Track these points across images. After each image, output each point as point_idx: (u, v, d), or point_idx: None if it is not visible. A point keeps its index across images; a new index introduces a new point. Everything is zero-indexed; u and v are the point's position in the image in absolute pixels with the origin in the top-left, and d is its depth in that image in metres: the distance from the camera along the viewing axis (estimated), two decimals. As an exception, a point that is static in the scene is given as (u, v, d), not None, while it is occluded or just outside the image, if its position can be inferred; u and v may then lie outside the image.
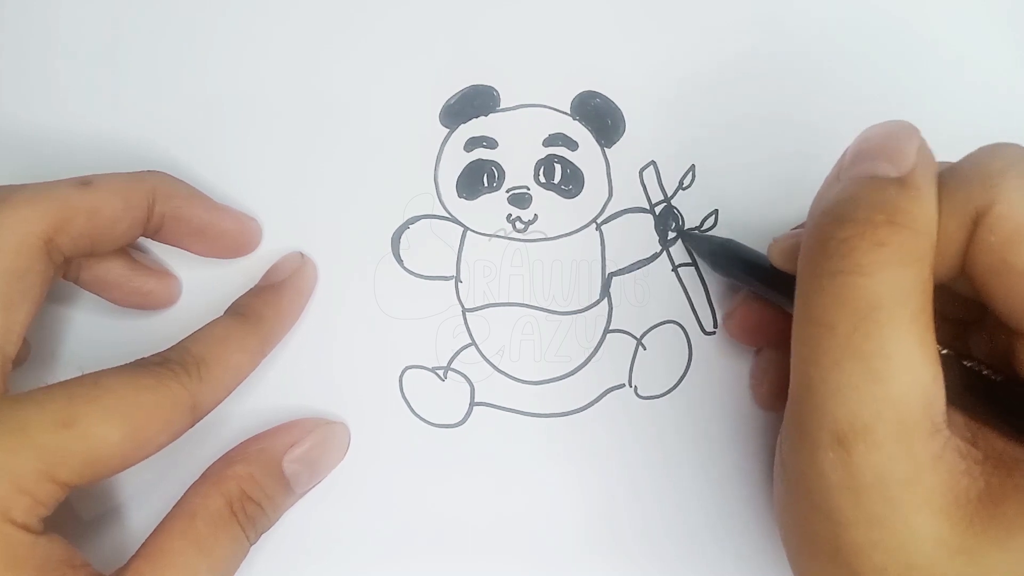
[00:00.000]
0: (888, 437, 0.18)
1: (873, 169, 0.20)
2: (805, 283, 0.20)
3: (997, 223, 0.19)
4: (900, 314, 0.18)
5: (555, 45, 0.30)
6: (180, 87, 0.31)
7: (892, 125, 0.21)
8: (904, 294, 0.18)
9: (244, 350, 0.26)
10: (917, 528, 0.18)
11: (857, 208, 0.19)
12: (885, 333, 0.18)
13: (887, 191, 0.19)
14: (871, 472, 0.18)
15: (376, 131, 0.30)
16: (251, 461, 0.26)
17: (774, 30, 0.30)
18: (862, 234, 0.19)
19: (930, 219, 0.19)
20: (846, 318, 0.18)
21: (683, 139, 0.30)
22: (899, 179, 0.19)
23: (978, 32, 0.30)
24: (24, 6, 0.31)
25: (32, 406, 0.22)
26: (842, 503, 0.19)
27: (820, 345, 0.19)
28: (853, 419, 0.18)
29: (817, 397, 0.19)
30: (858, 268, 0.18)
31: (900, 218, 0.19)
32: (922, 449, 0.18)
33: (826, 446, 0.19)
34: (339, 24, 0.31)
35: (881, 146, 0.20)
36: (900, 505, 0.18)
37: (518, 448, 0.29)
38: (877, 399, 0.18)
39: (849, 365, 0.18)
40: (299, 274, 0.29)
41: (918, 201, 0.19)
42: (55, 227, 0.24)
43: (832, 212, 0.19)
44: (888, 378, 0.18)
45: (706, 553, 0.28)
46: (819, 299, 0.19)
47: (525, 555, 0.29)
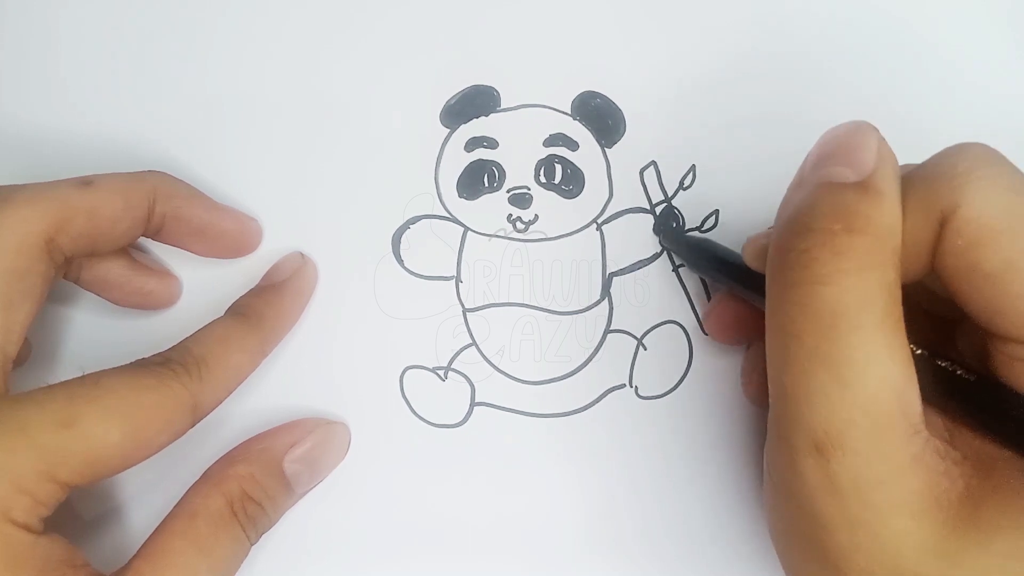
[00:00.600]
0: (863, 441, 0.18)
1: (832, 175, 0.20)
2: (771, 293, 0.20)
3: (963, 226, 0.19)
4: (865, 320, 0.18)
5: (555, 45, 0.30)
6: (180, 87, 0.31)
7: (851, 127, 0.20)
8: (867, 300, 0.18)
9: (245, 350, 0.26)
10: (898, 531, 0.18)
11: (815, 217, 0.19)
12: (850, 340, 0.18)
13: (846, 197, 0.19)
14: (849, 476, 0.18)
15: (376, 131, 0.30)
16: (252, 461, 0.26)
17: (774, 30, 0.30)
18: (821, 244, 0.19)
19: (891, 223, 0.19)
20: (811, 327, 0.19)
21: (683, 139, 0.30)
22: (858, 183, 0.19)
23: (978, 32, 0.30)
24: (24, 6, 0.31)
25: (32, 406, 0.22)
26: (825, 507, 0.19)
27: (789, 354, 0.19)
28: (827, 425, 0.18)
29: (792, 404, 0.19)
30: (819, 278, 0.18)
31: (858, 224, 0.19)
32: (899, 451, 0.18)
33: (804, 453, 0.19)
34: (339, 24, 0.31)
35: (840, 150, 0.20)
36: (880, 508, 0.18)
37: (518, 448, 0.29)
38: (848, 405, 0.18)
39: (818, 373, 0.18)
40: (300, 274, 0.29)
41: (877, 205, 0.19)
42: (56, 227, 0.24)
43: (792, 222, 0.20)
44: (857, 383, 0.18)
45: (706, 553, 0.28)
46: (785, 309, 0.19)
47: (525, 555, 0.29)
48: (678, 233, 0.29)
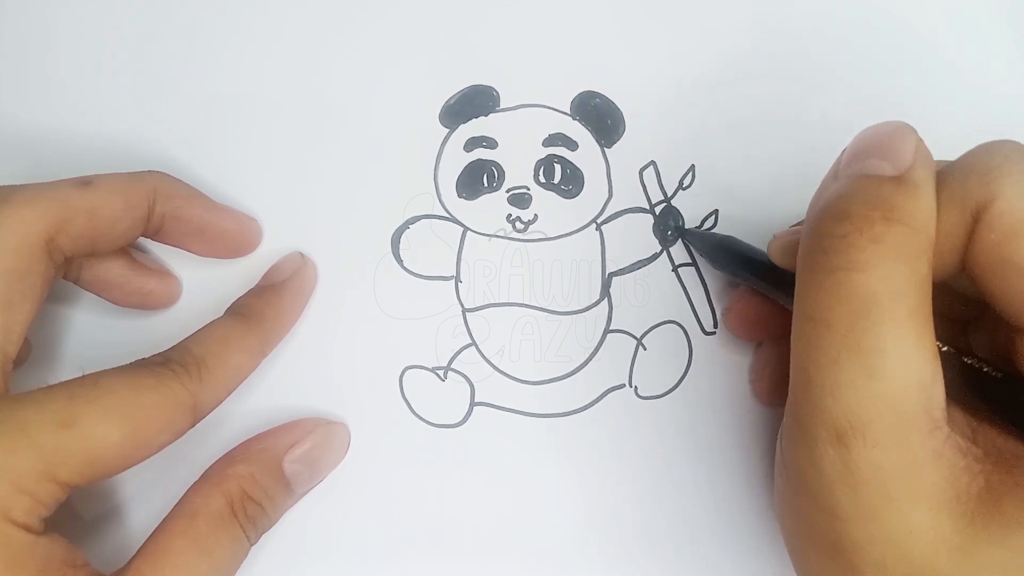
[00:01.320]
0: (886, 433, 0.18)
1: (871, 167, 0.20)
2: (803, 279, 0.20)
3: (996, 220, 0.19)
4: (897, 310, 0.18)
5: (555, 45, 0.30)
6: (180, 87, 0.31)
7: (889, 125, 0.21)
8: (901, 290, 0.18)
9: (244, 350, 0.26)
10: (915, 524, 0.18)
11: (854, 205, 0.19)
12: (882, 330, 0.18)
13: (884, 188, 0.19)
14: (869, 468, 0.18)
15: (376, 131, 0.30)
16: (252, 461, 0.26)
17: (774, 30, 0.30)
18: (859, 230, 0.19)
19: (928, 216, 0.19)
20: (843, 315, 0.18)
21: (683, 139, 0.30)
22: (896, 177, 0.19)
23: (978, 32, 0.30)
24: (24, 6, 0.31)
25: (32, 406, 0.22)
26: (841, 498, 0.19)
27: (818, 342, 0.19)
28: (851, 416, 0.18)
29: (816, 393, 0.19)
30: (855, 264, 0.18)
31: (897, 215, 0.19)
32: (921, 445, 0.18)
33: (825, 442, 0.19)
34: (339, 24, 0.31)
35: (878, 145, 0.20)
36: (898, 501, 0.18)
37: (518, 448, 0.29)
38: (875, 396, 0.18)
39: (847, 362, 0.18)
40: (299, 274, 0.29)
41: (915, 198, 0.19)
42: (56, 227, 0.24)
43: (829, 209, 0.20)
44: (886, 375, 0.18)
45: (706, 553, 0.28)
46: (817, 295, 0.19)
47: (525, 555, 0.29)
48: (699, 231, 0.29)
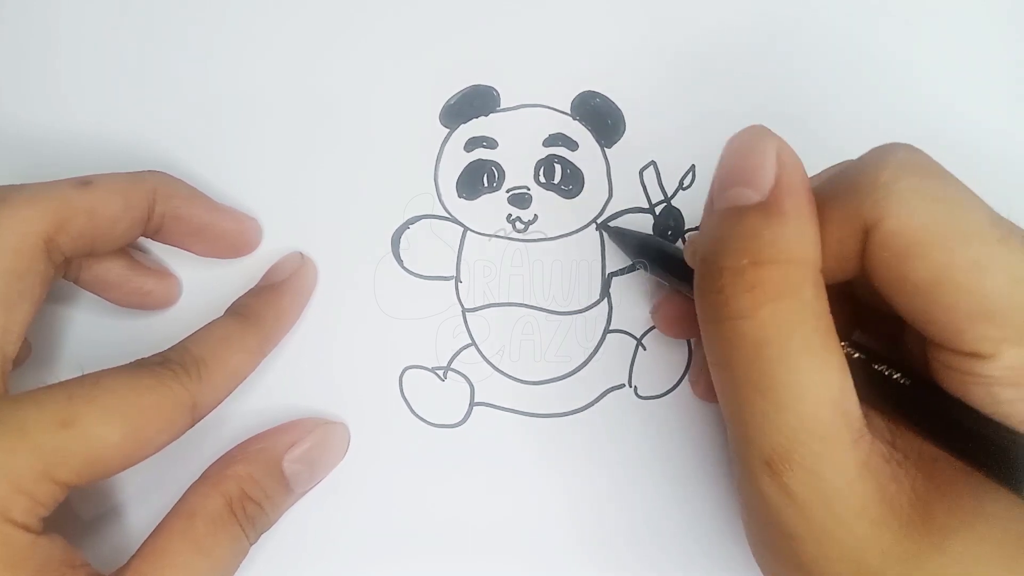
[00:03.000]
0: (810, 457, 0.18)
1: (735, 198, 0.20)
2: (702, 327, 0.20)
3: (887, 239, 0.19)
4: (790, 344, 0.18)
5: (555, 45, 0.30)
6: (180, 87, 0.31)
7: (747, 138, 0.20)
8: (788, 324, 0.18)
9: (244, 350, 0.26)
10: (861, 538, 0.18)
11: (723, 253, 0.19)
12: (779, 366, 0.18)
13: (749, 224, 0.19)
14: (806, 491, 0.19)
15: (376, 131, 0.30)
16: (251, 461, 0.26)
17: (774, 30, 0.30)
18: (733, 282, 0.19)
19: (800, 241, 0.19)
20: (740, 359, 0.19)
21: (683, 139, 0.30)
22: (760, 205, 0.19)
23: (978, 32, 0.30)
24: (24, 6, 0.31)
25: (32, 406, 0.22)
26: (789, 520, 0.19)
27: (727, 383, 0.20)
28: (775, 445, 0.19)
29: (740, 428, 0.20)
30: (736, 313, 0.19)
31: (765, 255, 0.19)
32: (847, 459, 0.18)
33: (759, 470, 0.19)
34: (339, 24, 0.31)
35: (739, 168, 0.20)
36: (841, 517, 0.18)
37: (518, 448, 0.29)
38: (790, 425, 0.18)
39: (755, 399, 0.19)
40: (299, 274, 0.29)
41: (783, 227, 0.19)
42: (55, 227, 0.24)
43: (704, 260, 0.20)
44: (795, 403, 0.18)
45: (707, 552, 0.28)
46: (713, 343, 0.20)
47: (525, 555, 0.29)
48: (624, 230, 0.29)
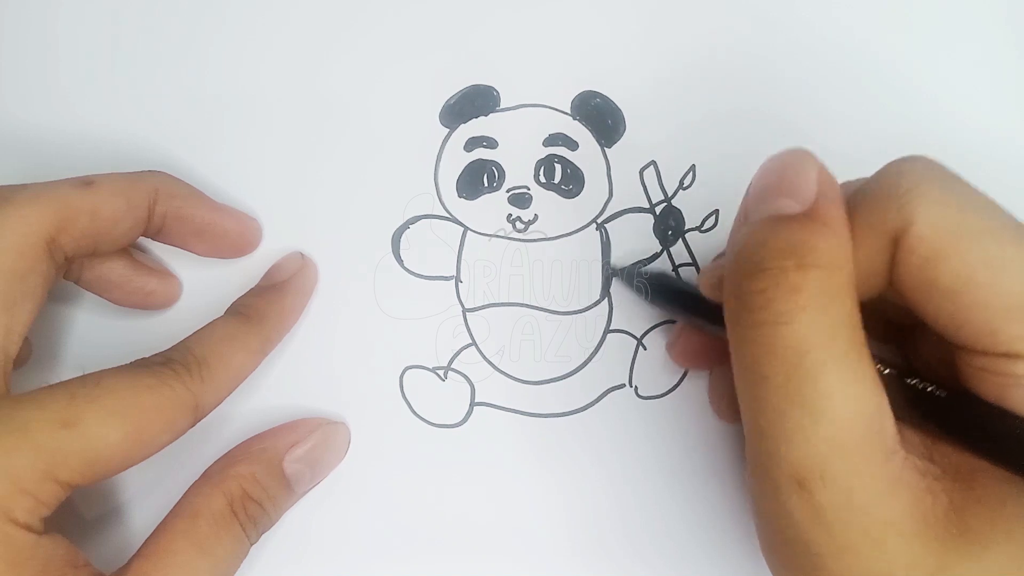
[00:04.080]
0: (844, 472, 0.18)
1: (777, 208, 0.20)
2: (734, 335, 0.20)
3: (916, 244, 0.19)
4: (829, 353, 0.18)
5: (555, 45, 0.30)
6: (181, 87, 0.31)
7: (789, 155, 0.20)
8: (829, 333, 0.18)
9: (246, 350, 0.26)
10: (890, 553, 0.18)
11: (766, 256, 0.19)
12: (818, 376, 0.18)
13: (793, 231, 0.19)
14: (835, 507, 0.18)
15: (376, 131, 0.30)
16: (253, 461, 0.26)
17: (775, 30, 0.30)
18: (776, 284, 0.19)
19: (841, 251, 0.19)
20: (778, 367, 0.19)
21: (683, 139, 0.30)
22: (803, 215, 0.19)
23: (978, 32, 0.30)
24: (24, 6, 0.31)
25: (33, 406, 0.22)
26: (814, 537, 0.19)
27: (760, 395, 0.19)
28: (807, 461, 0.18)
29: (770, 443, 0.19)
30: (779, 317, 0.19)
31: (810, 259, 0.19)
32: (880, 475, 0.18)
33: (787, 487, 0.19)
34: (339, 24, 0.31)
35: (781, 181, 0.20)
36: (870, 533, 0.18)
37: (518, 448, 0.29)
38: (825, 440, 0.18)
39: (790, 412, 0.18)
40: (300, 274, 0.29)
41: (825, 235, 0.19)
42: (57, 227, 0.24)
43: (745, 263, 0.20)
44: (831, 417, 0.18)
45: (707, 552, 0.29)
46: (749, 350, 0.19)
47: (524, 555, 0.29)
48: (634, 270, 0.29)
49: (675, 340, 0.28)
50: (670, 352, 0.28)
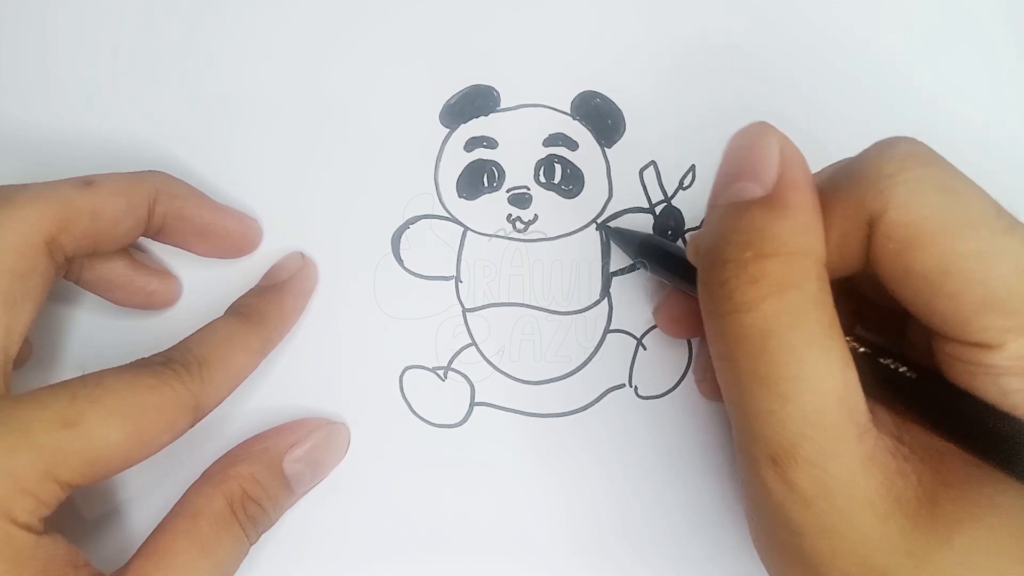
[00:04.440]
0: (816, 451, 0.18)
1: (738, 192, 0.20)
2: (706, 323, 0.20)
3: (892, 230, 0.19)
4: (794, 336, 0.18)
5: (555, 45, 0.30)
6: (181, 87, 0.31)
7: (750, 133, 0.20)
8: (792, 317, 0.19)
9: (246, 350, 0.26)
10: (867, 533, 0.18)
11: (727, 247, 0.19)
12: (784, 359, 0.18)
13: (753, 218, 0.19)
14: (811, 485, 0.19)
15: (376, 131, 0.30)
16: (253, 461, 0.26)
17: (775, 30, 0.30)
18: (736, 274, 0.19)
19: (803, 234, 0.19)
20: (744, 352, 0.19)
21: (683, 139, 0.30)
22: (764, 200, 0.19)
23: (978, 32, 0.30)
24: (24, 6, 0.31)
25: (35, 406, 0.22)
26: (795, 516, 0.19)
27: (731, 377, 0.20)
28: (780, 439, 0.19)
29: (744, 422, 0.20)
30: (741, 306, 0.19)
31: (769, 247, 0.19)
32: (852, 454, 0.18)
33: (765, 465, 0.19)
34: (340, 24, 0.31)
35: (743, 162, 0.20)
36: (847, 512, 0.18)
37: (518, 448, 0.29)
38: (795, 419, 0.18)
39: (760, 393, 0.19)
40: (300, 274, 0.29)
41: (786, 219, 0.19)
42: (58, 227, 0.24)
43: (708, 254, 0.20)
44: (799, 397, 0.18)
45: (708, 552, 0.29)
46: (717, 337, 0.20)
47: (524, 554, 0.29)
48: (625, 230, 0.29)
49: (661, 305, 0.28)
50: (655, 317, 0.29)
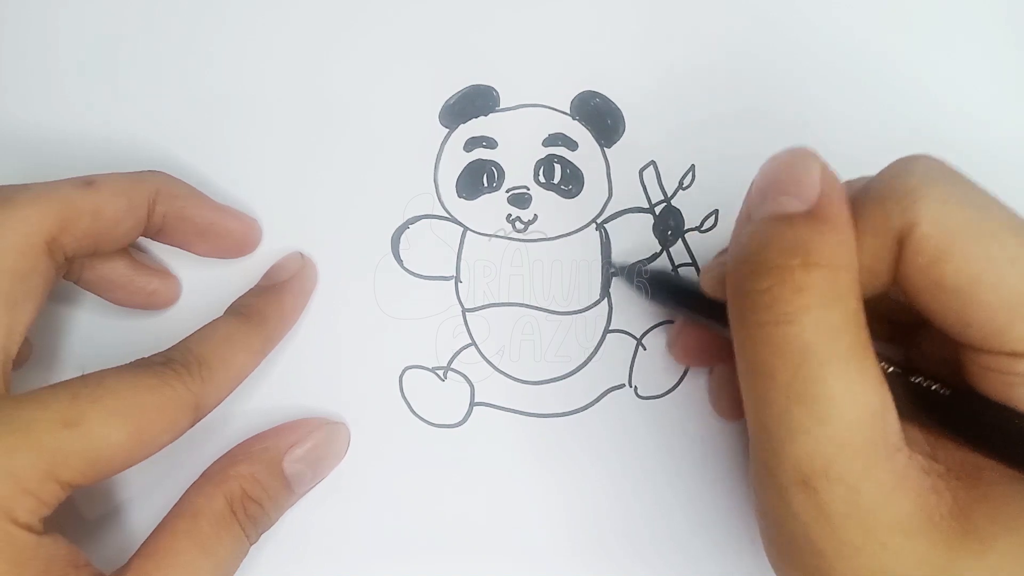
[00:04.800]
0: (849, 471, 0.18)
1: (780, 207, 0.19)
2: (738, 334, 0.20)
3: (922, 244, 0.19)
4: (834, 352, 0.18)
5: (555, 45, 0.30)
6: (181, 87, 0.31)
7: (792, 155, 0.20)
8: (834, 332, 0.18)
9: (246, 350, 0.26)
10: (896, 552, 0.18)
11: (771, 254, 0.19)
12: (823, 375, 0.18)
13: (797, 230, 0.19)
14: (840, 506, 0.18)
15: (376, 131, 0.30)
16: (253, 461, 0.26)
17: (775, 30, 0.30)
18: (781, 282, 0.19)
19: (845, 249, 0.19)
20: (783, 367, 0.19)
21: (683, 139, 0.30)
22: (807, 213, 0.19)
23: (978, 32, 0.30)
24: (24, 6, 0.31)
25: (36, 406, 0.22)
26: (819, 536, 0.19)
27: (765, 393, 0.19)
28: (812, 460, 0.18)
29: (774, 442, 0.19)
30: (784, 317, 0.19)
31: (815, 258, 0.19)
32: (885, 474, 0.18)
33: (793, 486, 0.19)
34: (340, 24, 0.31)
35: (784, 180, 0.20)
36: (875, 532, 0.18)
37: (518, 448, 0.29)
38: (830, 439, 0.18)
39: (796, 410, 0.18)
40: (300, 274, 0.29)
41: (830, 234, 0.19)
42: (59, 227, 0.24)
43: (749, 261, 0.20)
44: (836, 417, 0.18)
45: (708, 552, 0.29)
46: (754, 350, 0.19)
47: (524, 555, 0.29)
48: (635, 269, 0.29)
49: (675, 338, 0.28)
50: (671, 350, 0.28)
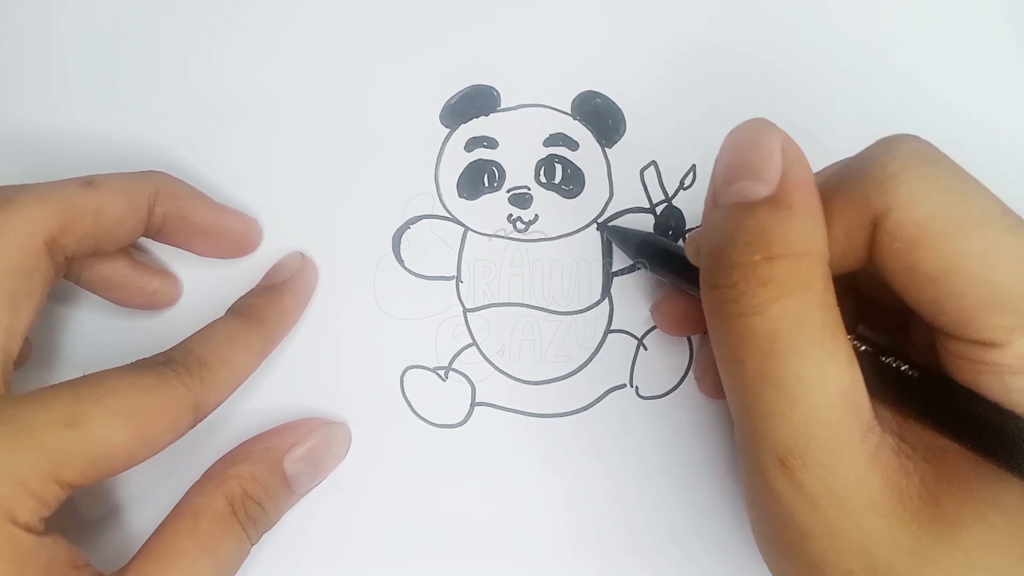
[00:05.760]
0: (823, 451, 0.19)
1: (742, 192, 0.19)
2: (710, 324, 0.20)
3: (897, 229, 0.19)
4: (801, 339, 0.19)
5: (556, 45, 0.30)
6: (182, 87, 0.31)
7: (751, 131, 0.20)
8: (801, 317, 0.19)
9: (246, 350, 0.26)
10: (872, 532, 0.18)
11: (734, 248, 0.19)
12: (792, 360, 0.19)
13: (759, 219, 0.19)
14: (817, 485, 0.19)
15: (377, 131, 0.30)
16: (253, 461, 0.26)
17: (775, 30, 0.30)
18: (746, 278, 0.19)
19: (809, 234, 0.19)
20: (752, 354, 0.19)
21: (684, 139, 0.30)
22: (769, 199, 0.19)
23: (978, 31, 0.30)
24: (26, 6, 0.31)
25: (38, 406, 0.22)
26: (800, 516, 0.19)
27: (738, 378, 0.20)
28: (787, 441, 0.19)
29: (751, 424, 0.20)
30: (751, 309, 0.19)
31: (777, 249, 0.19)
32: (858, 453, 0.19)
33: (771, 466, 0.19)
34: (340, 24, 0.31)
35: (744, 160, 0.20)
36: (852, 511, 0.19)
37: (519, 448, 0.29)
38: (801, 420, 0.19)
39: (767, 395, 0.19)
40: (300, 274, 0.29)
41: (793, 220, 0.19)
42: (60, 227, 0.24)
43: (715, 257, 0.20)
44: (807, 399, 0.18)
45: (709, 552, 0.29)
46: (724, 340, 0.20)
47: (525, 555, 0.29)
48: (624, 229, 0.29)
49: (659, 302, 0.28)
50: (653, 315, 0.29)
